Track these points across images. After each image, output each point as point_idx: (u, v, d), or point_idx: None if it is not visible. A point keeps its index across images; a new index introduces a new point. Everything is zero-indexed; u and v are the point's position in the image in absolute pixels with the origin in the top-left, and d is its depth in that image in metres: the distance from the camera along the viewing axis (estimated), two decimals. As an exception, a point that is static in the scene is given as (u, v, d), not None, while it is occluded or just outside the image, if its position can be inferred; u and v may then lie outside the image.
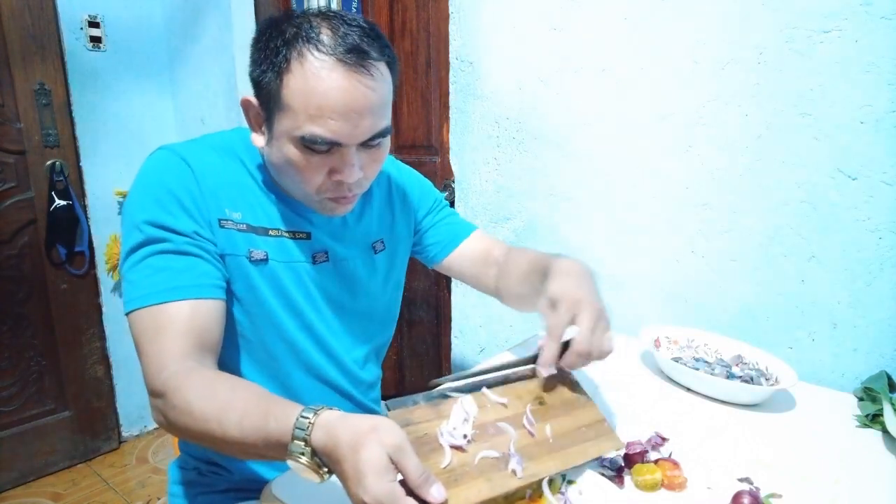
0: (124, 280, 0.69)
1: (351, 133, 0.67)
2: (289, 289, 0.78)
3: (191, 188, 0.70)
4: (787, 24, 0.90)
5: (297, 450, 0.51)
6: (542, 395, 0.68)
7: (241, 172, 0.77)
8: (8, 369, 1.92)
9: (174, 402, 0.60)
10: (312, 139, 0.66)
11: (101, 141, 2.10)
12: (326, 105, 0.65)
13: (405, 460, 0.48)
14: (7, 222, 1.86)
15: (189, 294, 0.67)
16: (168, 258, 0.67)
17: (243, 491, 0.85)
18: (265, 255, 0.76)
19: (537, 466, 0.59)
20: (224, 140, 0.80)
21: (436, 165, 1.56)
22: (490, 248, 0.97)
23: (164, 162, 0.72)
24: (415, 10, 1.54)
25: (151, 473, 2.09)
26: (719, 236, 1.02)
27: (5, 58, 1.79)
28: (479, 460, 0.56)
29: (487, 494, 0.53)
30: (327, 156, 0.69)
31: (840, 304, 0.91)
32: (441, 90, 1.48)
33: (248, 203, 0.76)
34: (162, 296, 0.66)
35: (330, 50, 0.64)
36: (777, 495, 0.62)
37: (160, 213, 0.68)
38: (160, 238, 0.68)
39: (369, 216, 0.90)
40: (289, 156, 0.69)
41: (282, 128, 0.68)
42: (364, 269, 0.89)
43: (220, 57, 2.05)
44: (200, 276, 0.68)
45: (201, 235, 0.70)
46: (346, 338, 0.87)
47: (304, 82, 0.64)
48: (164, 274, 0.67)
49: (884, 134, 0.84)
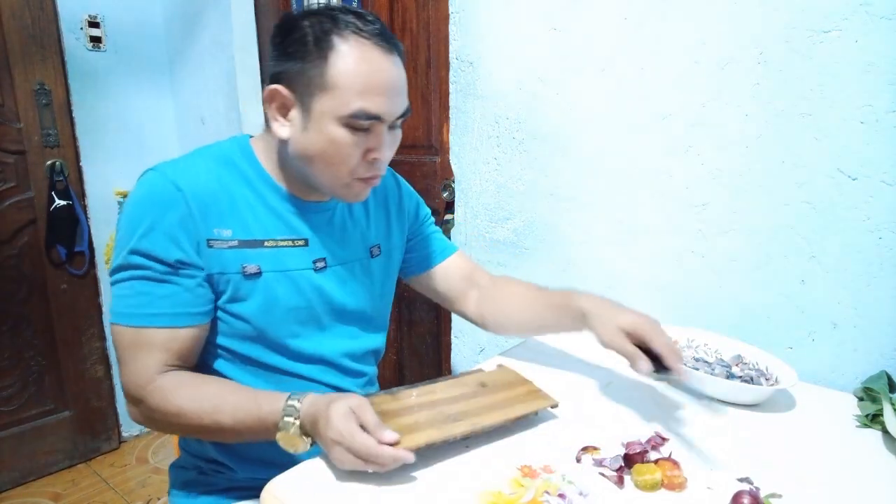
0: (112, 289, 0.74)
1: (389, 110, 0.73)
2: (285, 299, 0.79)
3: (180, 213, 0.72)
4: (787, 24, 0.90)
5: (288, 425, 0.66)
6: (484, 381, 0.82)
7: (238, 184, 0.78)
8: (8, 369, 1.92)
9: (164, 408, 0.71)
10: (360, 114, 0.70)
11: (101, 141, 2.10)
12: (371, 83, 0.70)
13: (364, 414, 0.64)
14: (7, 222, 1.86)
15: (166, 322, 0.72)
16: (149, 284, 0.72)
17: (245, 490, 0.85)
18: (258, 268, 0.77)
19: (480, 418, 0.71)
20: (221, 151, 0.80)
21: (436, 165, 1.56)
22: (472, 271, 1.02)
23: (155, 187, 0.73)
24: (415, 10, 1.54)
25: (151, 473, 2.08)
26: (719, 236, 1.02)
27: (5, 58, 1.79)
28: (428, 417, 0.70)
29: (436, 437, 0.66)
30: (364, 135, 0.73)
31: (840, 304, 0.91)
32: (441, 90, 1.48)
33: (241, 217, 0.77)
34: (141, 319, 0.72)
35: (367, 35, 0.71)
36: (777, 495, 0.62)
37: (144, 242, 0.71)
38: (142, 265, 0.71)
39: (367, 221, 0.91)
40: (331, 135, 0.72)
41: (324, 108, 0.71)
42: (361, 273, 0.89)
43: (220, 57, 2.05)
44: (178, 304, 0.73)
45: (185, 263, 0.73)
46: (343, 343, 0.87)
47: (353, 62, 0.70)
48: (144, 298, 0.72)
49: (884, 134, 0.84)
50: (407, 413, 0.71)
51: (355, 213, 0.90)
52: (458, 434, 0.68)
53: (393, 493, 0.62)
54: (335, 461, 0.63)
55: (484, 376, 0.84)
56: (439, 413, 0.71)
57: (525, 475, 0.64)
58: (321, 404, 0.65)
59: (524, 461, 0.67)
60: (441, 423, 0.69)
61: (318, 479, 0.65)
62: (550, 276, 1.28)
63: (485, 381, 0.82)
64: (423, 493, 0.62)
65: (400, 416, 0.70)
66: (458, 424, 0.69)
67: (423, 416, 0.70)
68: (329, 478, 0.65)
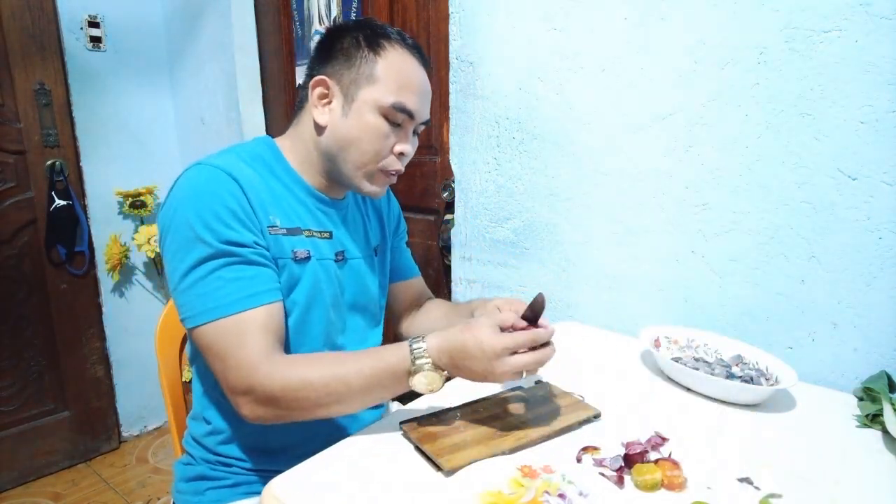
0: (189, 293, 0.72)
1: (420, 110, 0.83)
2: (325, 285, 0.85)
3: (242, 202, 0.75)
4: (787, 24, 0.90)
5: (423, 363, 0.69)
6: (526, 396, 0.83)
7: (272, 179, 0.83)
8: (8, 369, 1.92)
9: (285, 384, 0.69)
10: (398, 106, 0.79)
11: (101, 141, 2.10)
12: (411, 82, 0.81)
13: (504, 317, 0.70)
14: (7, 222, 1.86)
15: (263, 300, 0.73)
16: (238, 269, 0.73)
17: (254, 485, 0.87)
18: (308, 252, 0.82)
19: (526, 432, 0.72)
20: (251, 150, 0.84)
21: (436, 165, 1.56)
22: (421, 297, 1.11)
23: (213, 178, 0.74)
24: (415, 10, 1.54)
25: (151, 473, 2.09)
26: (719, 236, 1.02)
27: (5, 58, 1.79)
28: (475, 435, 0.71)
29: (485, 454, 0.67)
30: (396, 130, 0.82)
31: (840, 304, 0.91)
32: (441, 90, 1.48)
33: (283, 208, 0.82)
34: (241, 304, 0.71)
35: (408, 46, 0.82)
36: (777, 495, 0.62)
37: (222, 228, 0.72)
38: (227, 252, 0.72)
39: (368, 222, 0.98)
40: (369, 122, 0.80)
41: (369, 97, 0.79)
42: (368, 269, 0.95)
43: (219, 57, 2.05)
44: (267, 281, 0.75)
45: (259, 244, 0.76)
46: (357, 334, 0.94)
47: (398, 61, 0.80)
48: (239, 283, 0.72)
49: (884, 134, 0.84)
50: (454, 432, 0.72)
51: (361, 214, 0.97)
52: (506, 448, 0.68)
53: (393, 493, 0.62)
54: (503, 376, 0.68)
55: (525, 392, 0.85)
56: (485, 430, 0.72)
57: (525, 475, 0.64)
58: (455, 340, 0.68)
59: (524, 461, 0.67)
60: (488, 440, 0.70)
61: (318, 479, 0.65)
62: (550, 276, 1.28)
63: (526, 397, 0.83)
64: (424, 492, 0.62)
65: (447, 435, 0.71)
66: (504, 440, 0.70)
67: (470, 435, 0.71)
68: (329, 478, 0.65)
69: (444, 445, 0.68)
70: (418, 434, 0.70)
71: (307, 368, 0.70)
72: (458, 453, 0.67)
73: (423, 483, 0.64)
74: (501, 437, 0.70)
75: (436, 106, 1.52)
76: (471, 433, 0.71)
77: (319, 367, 0.71)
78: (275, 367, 0.70)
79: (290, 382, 0.69)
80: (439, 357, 0.69)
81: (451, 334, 0.69)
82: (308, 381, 0.69)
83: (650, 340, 0.97)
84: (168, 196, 0.75)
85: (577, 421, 0.76)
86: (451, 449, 0.68)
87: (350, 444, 0.72)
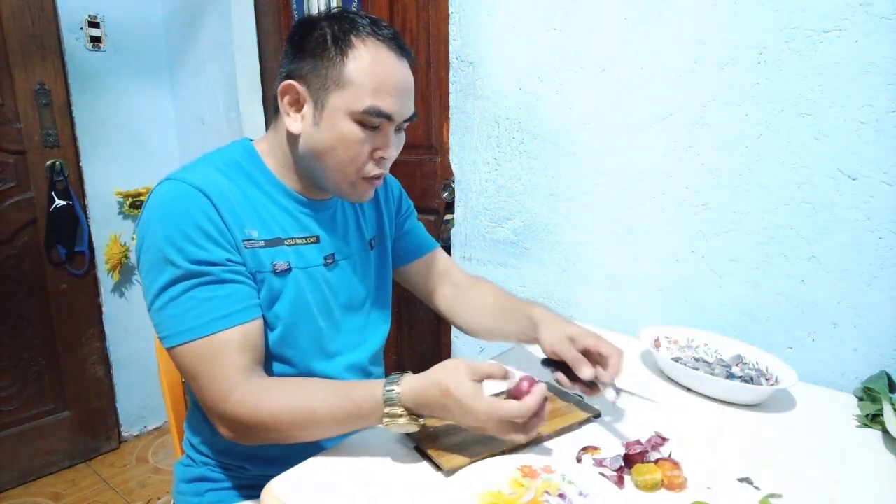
0: (162, 314, 0.70)
1: (400, 110, 0.76)
2: (310, 294, 0.81)
3: (213, 218, 0.71)
4: (787, 24, 0.90)
5: (396, 413, 0.66)
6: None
7: (250, 187, 0.79)
8: (8, 369, 1.92)
9: (254, 419, 0.68)
10: (372, 111, 0.73)
11: (101, 141, 2.10)
12: (385, 83, 0.73)
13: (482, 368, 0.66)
14: (7, 222, 1.86)
15: (238, 319, 0.71)
16: (211, 288, 0.70)
17: (256, 489, 0.85)
18: (288, 264, 0.79)
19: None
20: (226, 156, 0.80)
21: (436, 165, 1.56)
22: (451, 269, 1.05)
23: (182, 196, 0.71)
24: (415, 10, 1.54)
25: (151, 473, 2.09)
26: (719, 236, 1.02)
27: (5, 58, 1.79)
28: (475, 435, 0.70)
29: (484, 453, 0.68)
30: (374, 134, 0.75)
31: (840, 304, 0.91)
32: (441, 90, 1.48)
33: (262, 218, 0.78)
34: (214, 325, 0.69)
35: (383, 38, 0.74)
36: (777, 495, 0.62)
37: (192, 249, 0.69)
38: (198, 273, 0.69)
39: (363, 214, 0.95)
40: (342, 131, 0.74)
41: (338, 103, 0.73)
42: (362, 266, 0.92)
43: (219, 57, 2.05)
44: (243, 299, 0.72)
45: (233, 261, 0.73)
46: (354, 337, 0.90)
47: (369, 61, 0.72)
48: (211, 303, 0.70)
49: (884, 134, 0.84)
50: (454, 432, 0.72)
51: (352, 208, 0.93)
52: (506, 448, 0.69)
53: (393, 493, 0.62)
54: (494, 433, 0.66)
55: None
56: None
57: (525, 475, 0.64)
58: (431, 390, 0.65)
59: (524, 461, 0.67)
60: (488, 440, 0.69)
61: (318, 479, 0.65)
62: (550, 276, 1.28)
63: None
64: (424, 492, 0.62)
65: (447, 435, 0.71)
66: (503, 441, 0.69)
67: (470, 435, 0.71)
68: (329, 478, 0.65)
69: (444, 445, 0.69)
70: (418, 434, 0.70)
71: (278, 400, 0.68)
72: (458, 453, 0.67)
73: (423, 483, 0.64)
74: (500, 442, 0.69)
75: (436, 106, 1.52)
76: (471, 433, 0.71)
77: (291, 399, 0.68)
78: (246, 395, 0.68)
79: (258, 415, 0.68)
80: (416, 406, 0.66)
81: (427, 388, 0.65)
82: (277, 416, 0.67)
83: (650, 340, 0.97)
84: (141, 213, 0.73)
85: (577, 421, 0.77)
86: (451, 449, 0.68)
87: (350, 444, 0.72)
